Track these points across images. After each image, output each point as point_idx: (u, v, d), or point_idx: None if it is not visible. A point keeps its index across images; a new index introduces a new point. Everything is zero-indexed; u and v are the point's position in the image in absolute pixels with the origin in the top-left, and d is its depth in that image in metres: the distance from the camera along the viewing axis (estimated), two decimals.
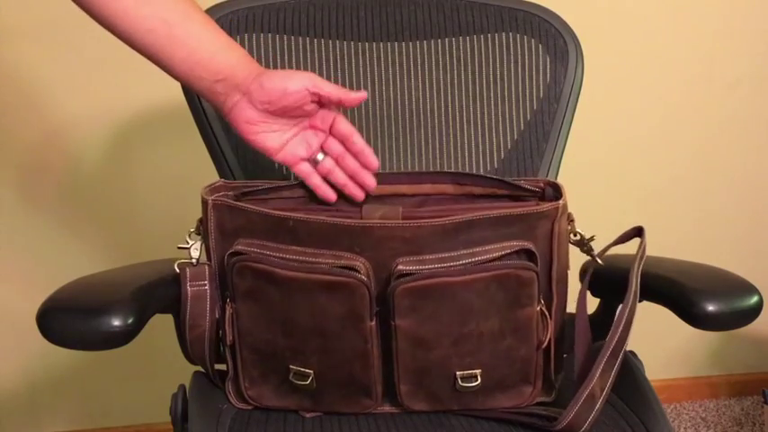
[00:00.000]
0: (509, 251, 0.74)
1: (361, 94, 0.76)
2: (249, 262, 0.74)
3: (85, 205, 1.39)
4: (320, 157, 0.79)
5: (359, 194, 0.80)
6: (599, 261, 0.80)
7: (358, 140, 0.79)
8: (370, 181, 0.80)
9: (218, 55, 0.74)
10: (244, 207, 0.75)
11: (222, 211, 0.76)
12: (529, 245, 0.74)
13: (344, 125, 0.79)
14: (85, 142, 1.36)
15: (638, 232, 0.79)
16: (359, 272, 0.72)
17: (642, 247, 0.79)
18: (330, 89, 0.75)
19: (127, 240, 1.41)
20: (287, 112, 0.76)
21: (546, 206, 0.75)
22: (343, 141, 0.79)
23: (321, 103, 0.77)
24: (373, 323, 0.74)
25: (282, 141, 0.77)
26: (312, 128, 0.79)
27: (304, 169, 0.79)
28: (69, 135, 1.35)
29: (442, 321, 0.73)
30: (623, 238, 0.80)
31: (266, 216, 0.75)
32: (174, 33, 0.72)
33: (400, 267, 0.72)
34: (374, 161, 0.79)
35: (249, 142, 0.76)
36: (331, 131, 0.79)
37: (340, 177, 0.79)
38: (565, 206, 0.76)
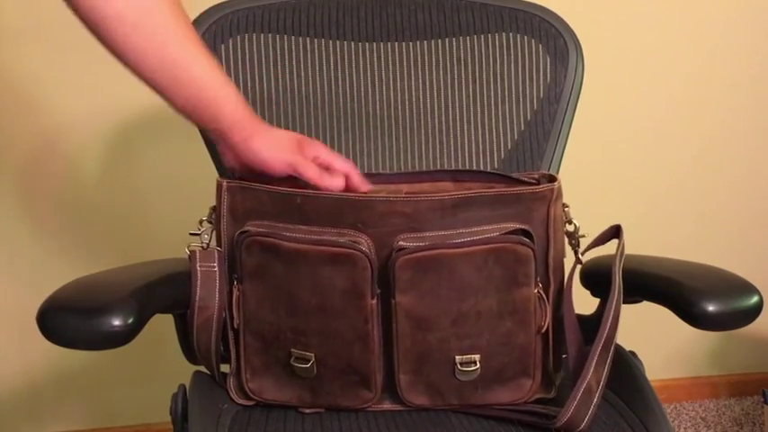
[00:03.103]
0: (506, 231, 0.76)
1: (338, 185, 0.78)
2: (258, 236, 0.77)
3: (86, 206, 1.39)
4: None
5: (365, 184, 0.82)
6: (581, 259, 0.82)
7: (355, 180, 0.81)
8: (363, 182, 0.81)
9: (212, 105, 0.77)
10: (255, 187, 0.79)
11: (234, 193, 0.80)
12: (526, 226, 0.76)
13: (325, 156, 0.81)
14: (85, 143, 1.36)
15: (615, 232, 0.81)
16: (361, 245, 0.74)
17: (621, 245, 0.80)
18: (310, 176, 0.77)
19: (127, 240, 1.41)
20: None
21: (542, 187, 0.77)
22: (326, 167, 0.80)
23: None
24: (374, 301, 0.76)
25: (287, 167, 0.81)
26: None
27: (309, 174, 0.80)
28: (69, 136, 1.35)
29: (441, 297, 0.75)
30: (602, 239, 0.82)
31: (275, 195, 0.78)
32: (177, 75, 0.74)
33: (401, 243, 0.75)
34: (365, 184, 0.81)
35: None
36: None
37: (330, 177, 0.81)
38: (560, 190, 0.79)
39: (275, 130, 0.83)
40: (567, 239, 0.82)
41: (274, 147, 0.79)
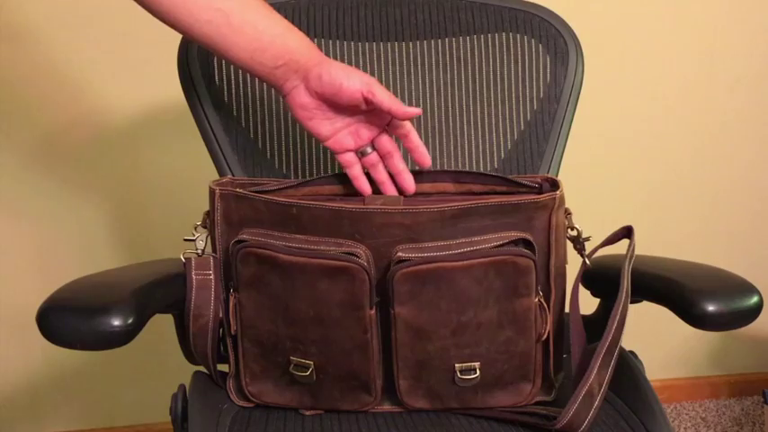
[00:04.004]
0: (507, 241, 0.75)
1: (414, 111, 0.77)
2: (253, 248, 0.75)
3: (86, 206, 1.39)
4: (368, 150, 0.81)
5: (393, 192, 0.82)
6: (587, 262, 0.81)
7: (415, 138, 0.81)
8: (410, 184, 0.82)
9: (278, 40, 0.76)
10: (249, 195, 0.77)
11: (228, 200, 0.78)
12: (527, 235, 0.75)
13: (402, 125, 0.80)
14: (85, 143, 1.36)
15: (626, 233, 0.80)
16: (359, 257, 0.73)
17: (631, 247, 0.80)
18: (383, 98, 0.76)
19: (127, 240, 1.41)
20: (340, 107, 0.78)
21: (543, 196, 0.76)
22: (401, 138, 0.81)
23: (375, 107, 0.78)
24: (373, 311, 0.75)
25: (334, 129, 0.79)
26: (367, 121, 0.80)
27: (347, 158, 0.81)
28: (68, 136, 1.35)
29: (441, 309, 0.74)
30: (613, 239, 0.81)
31: (271, 204, 0.76)
32: (231, 22, 0.74)
33: (400, 254, 0.74)
34: (426, 157, 0.81)
35: (303, 125, 0.79)
36: (387, 126, 0.81)
37: (381, 174, 0.82)
38: (562, 198, 0.78)
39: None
40: (571, 244, 0.81)
41: (348, 68, 0.77)
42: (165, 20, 0.75)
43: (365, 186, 0.81)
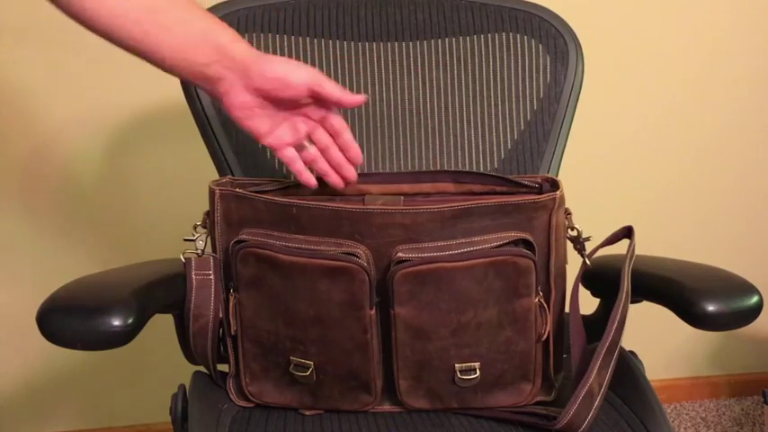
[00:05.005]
0: (507, 241, 0.75)
1: (361, 98, 0.76)
2: (253, 248, 0.75)
3: (86, 206, 1.39)
4: (307, 144, 0.79)
5: (339, 182, 0.81)
6: (587, 262, 0.81)
7: (348, 137, 0.79)
8: (352, 174, 0.81)
9: (209, 35, 0.71)
10: (249, 195, 0.77)
11: (228, 200, 0.78)
12: (527, 235, 0.75)
13: (337, 121, 0.78)
14: (85, 143, 1.36)
15: (627, 233, 0.80)
16: (359, 258, 0.73)
17: (631, 247, 0.79)
18: (331, 89, 0.74)
19: (127, 241, 1.41)
20: (281, 102, 0.74)
21: (543, 196, 0.76)
22: (334, 136, 0.79)
23: (319, 99, 0.76)
24: (373, 312, 0.75)
25: (273, 125, 0.76)
26: (303, 115, 0.77)
27: (288, 154, 0.78)
28: (69, 136, 1.35)
29: (441, 309, 0.74)
30: (613, 239, 0.81)
31: (270, 205, 0.76)
32: (159, 21, 0.70)
33: (400, 254, 0.73)
34: (359, 156, 0.80)
35: (242, 126, 0.75)
36: (322, 123, 0.78)
37: (323, 166, 0.80)
38: (562, 198, 0.78)
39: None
40: (571, 244, 0.81)
41: (290, 62, 0.73)
42: (86, 22, 0.70)
43: (311, 180, 0.80)
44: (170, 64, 0.72)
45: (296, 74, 0.72)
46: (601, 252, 0.82)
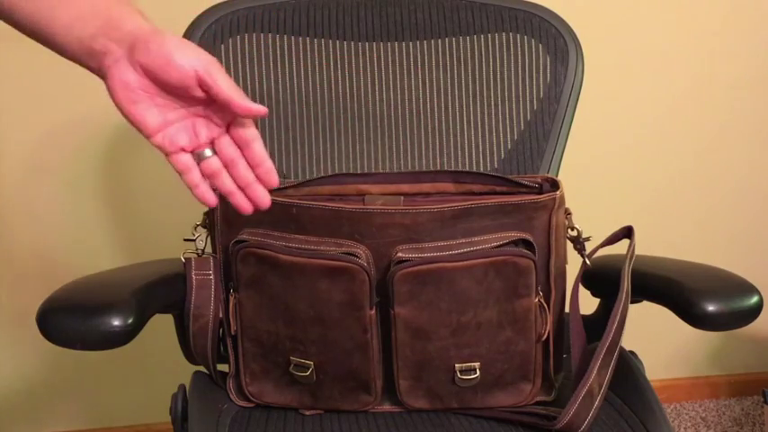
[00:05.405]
0: (507, 241, 0.75)
1: (260, 109, 0.62)
2: (253, 248, 0.75)
3: (86, 206, 1.39)
4: (207, 153, 0.64)
5: (246, 207, 0.65)
6: (587, 262, 0.81)
7: (259, 149, 0.64)
8: (264, 199, 0.65)
9: (100, 5, 0.62)
10: None
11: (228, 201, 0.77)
12: (527, 236, 0.75)
13: (246, 127, 0.64)
14: (85, 143, 1.36)
15: (627, 233, 0.80)
16: (359, 258, 0.73)
17: (631, 247, 0.80)
18: (222, 84, 0.61)
19: (127, 241, 1.41)
20: (170, 90, 0.62)
21: (543, 197, 0.76)
22: (241, 147, 0.64)
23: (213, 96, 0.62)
24: (373, 312, 0.75)
25: (164, 121, 0.63)
26: (206, 117, 0.64)
27: (182, 161, 0.64)
28: (69, 136, 1.35)
29: (441, 309, 0.74)
30: (613, 239, 0.81)
31: (270, 204, 0.75)
32: None
33: (400, 254, 0.74)
34: (274, 179, 0.65)
35: (125, 113, 0.63)
36: (228, 130, 0.64)
37: (227, 184, 0.65)
38: (562, 198, 0.78)
39: None
40: (571, 244, 0.81)
41: (186, 43, 0.62)
42: None
43: (209, 196, 0.64)
44: (61, 42, 0.64)
45: (182, 54, 0.60)
46: (601, 252, 0.82)
